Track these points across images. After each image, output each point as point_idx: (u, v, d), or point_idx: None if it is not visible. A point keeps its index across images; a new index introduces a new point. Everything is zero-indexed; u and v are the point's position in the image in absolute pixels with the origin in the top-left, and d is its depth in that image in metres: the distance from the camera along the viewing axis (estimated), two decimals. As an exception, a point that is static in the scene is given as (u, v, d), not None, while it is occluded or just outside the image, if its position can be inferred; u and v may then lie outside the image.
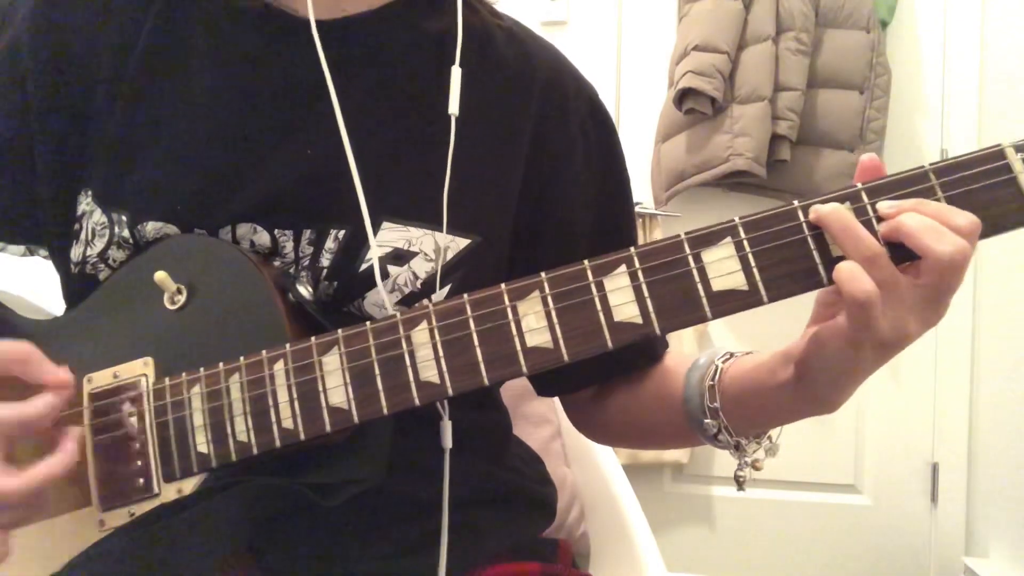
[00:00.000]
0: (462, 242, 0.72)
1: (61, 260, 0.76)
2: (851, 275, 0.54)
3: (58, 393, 0.61)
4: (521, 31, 0.83)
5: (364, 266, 0.69)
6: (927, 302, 0.55)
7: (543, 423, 1.27)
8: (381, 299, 0.69)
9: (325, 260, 0.69)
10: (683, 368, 0.76)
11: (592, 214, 0.81)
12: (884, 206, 0.55)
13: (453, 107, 0.74)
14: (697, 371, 0.74)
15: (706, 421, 0.72)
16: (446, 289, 0.71)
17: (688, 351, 2.34)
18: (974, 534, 2.35)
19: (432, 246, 0.71)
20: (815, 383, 0.63)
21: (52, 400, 0.60)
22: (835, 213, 0.54)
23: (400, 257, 0.70)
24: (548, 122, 0.79)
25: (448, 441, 0.70)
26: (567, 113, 0.80)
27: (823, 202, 0.55)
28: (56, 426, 0.61)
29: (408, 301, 0.70)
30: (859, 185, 0.56)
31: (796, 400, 0.66)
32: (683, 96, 2.22)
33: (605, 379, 0.84)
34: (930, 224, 0.53)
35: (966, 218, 0.53)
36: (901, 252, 0.54)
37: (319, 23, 0.72)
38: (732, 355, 0.73)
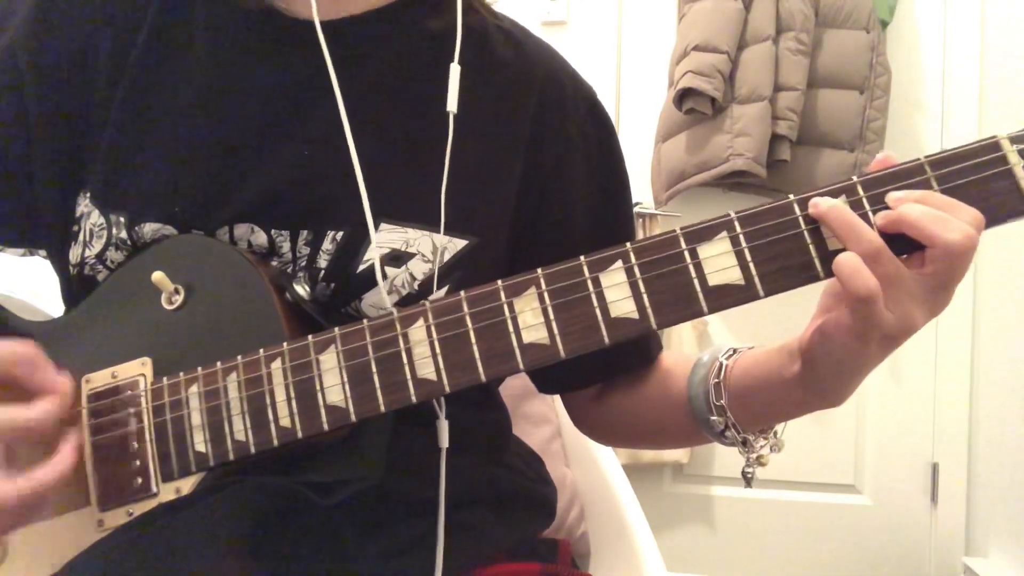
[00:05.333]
0: (459, 243, 0.72)
1: (60, 262, 0.76)
2: (853, 270, 0.53)
3: (58, 399, 0.61)
4: (519, 32, 0.83)
5: (362, 267, 0.69)
6: (932, 291, 0.55)
7: (543, 423, 1.28)
8: (378, 300, 0.69)
9: (322, 261, 0.69)
10: (686, 367, 0.77)
11: (592, 214, 0.81)
12: (891, 197, 0.55)
13: (451, 104, 0.73)
14: (701, 368, 0.74)
15: (712, 418, 0.72)
16: (444, 290, 0.71)
17: (688, 351, 2.34)
18: (974, 534, 2.35)
19: (430, 247, 0.71)
20: (821, 377, 0.63)
21: (51, 407, 0.60)
22: (834, 209, 0.54)
23: (398, 258, 0.70)
24: (546, 123, 0.78)
25: (444, 440, 0.70)
26: (565, 114, 0.80)
27: (819, 195, 0.55)
28: (56, 427, 0.62)
29: (406, 302, 0.70)
30: (855, 178, 0.56)
31: (803, 394, 0.66)
32: (683, 96, 2.22)
33: (604, 379, 0.85)
34: (937, 213, 0.53)
35: (970, 211, 0.53)
36: (900, 244, 0.54)
37: (321, 24, 0.72)
38: (735, 351, 0.73)
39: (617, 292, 0.57)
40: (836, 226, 0.54)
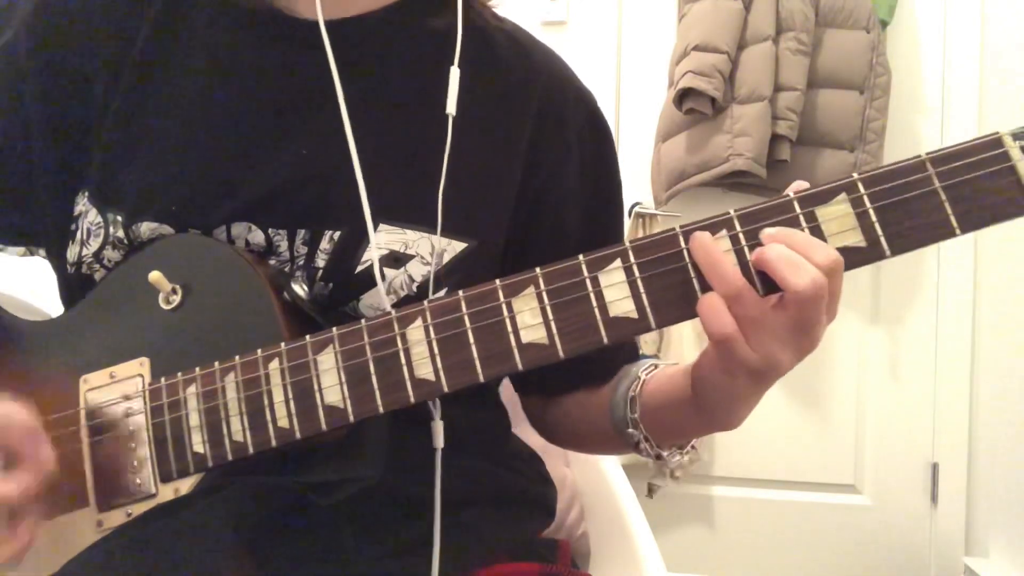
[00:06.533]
0: (459, 245, 0.72)
1: (58, 261, 0.76)
2: (711, 312, 0.55)
3: (35, 475, 0.60)
4: (522, 35, 0.83)
5: (360, 268, 0.69)
6: (794, 333, 0.56)
7: (542, 423, 1.27)
8: (376, 301, 0.69)
9: (320, 261, 0.69)
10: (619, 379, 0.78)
11: (584, 222, 0.81)
12: (765, 233, 0.55)
13: (451, 107, 0.73)
14: (625, 380, 0.76)
15: (628, 431, 0.74)
16: (442, 292, 0.71)
17: (687, 351, 2.34)
18: (974, 534, 2.35)
19: (429, 249, 0.71)
20: (705, 403, 0.65)
21: (28, 484, 0.59)
22: (702, 248, 0.55)
23: (397, 260, 0.70)
24: (546, 128, 0.78)
25: (439, 441, 0.70)
26: (565, 120, 0.80)
27: (699, 229, 0.56)
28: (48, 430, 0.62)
29: (404, 304, 0.70)
30: (731, 212, 0.56)
31: (696, 416, 0.68)
32: (683, 96, 2.22)
33: (592, 384, 0.84)
34: (788, 256, 0.54)
35: (826, 253, 0.54)
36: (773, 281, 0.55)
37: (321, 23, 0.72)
38: (656, 366, 0.75)
39: (616, 291, 0.57)
40: (701, 264, 0.56)
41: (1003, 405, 2.28)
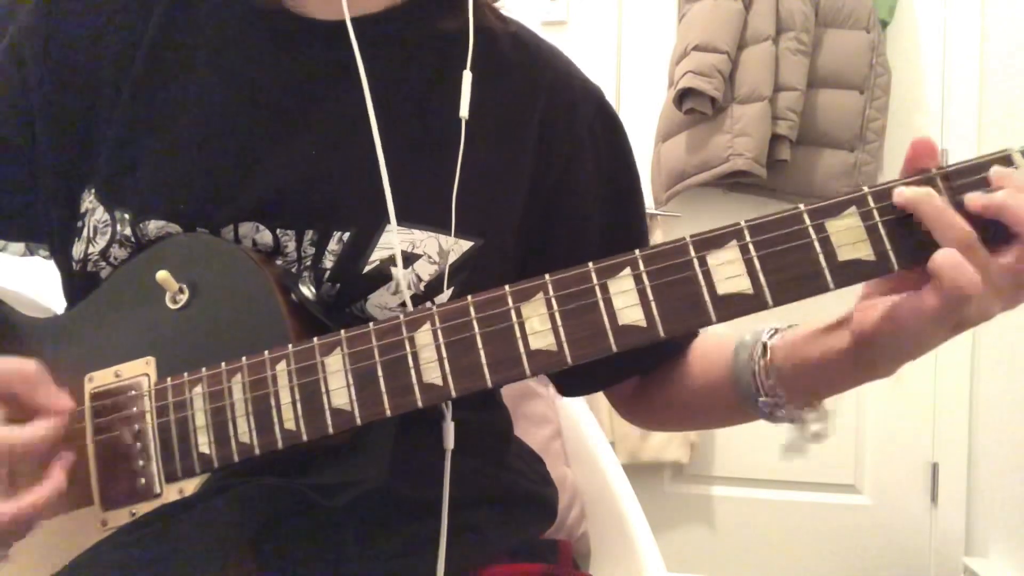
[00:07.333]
0: (465, 245, 0.72)
1: (63, 258, 0.76)
2: (955, 265, 0.52)
3: (57, 419, 0.62)
4: (527, 35, 0.83)
5: (368, 268, 0.69)
6: (1017, 286, 0.55)
7: (543, 423, 1.27)
8: (384, 301, 0.69)
9: (328, 262, 0.69)
10: (724, 350, 0.76)
11: (604, 212, 0.81)
12: (994, 174, 0.53)
13: (464, 111, 0.73)
14: (744, 350, 0.73)
15: (762, 399, 0.71)
16: (449, 292, 0.71)
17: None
18: (974, 534, 2.35)
19: (436, 248, 0.71)
20: (879, 355, 0.63)
21: (47, 427, 0.61)
22: (926, 198, 0.53)
23: (405, 259, 0.70)
24: (555, 125, 0.78)
25: (450, 442, 0.70)
26: (574, 115, 0.80)
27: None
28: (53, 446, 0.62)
29: (412, 303, 0.70)
30: (934, 170, 0.55)
31: (854, 369, 0.66)
32: (683, 96, 2.22)
33: (626, 378, 0.84)
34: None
35: None
36: (985, 234, 0.53)
37: (331, 23, 0.72)
38: (777, 330, 0.72)
39: (625, 299, 0.57)
40: (928, 216, 0.53)
41: (1003, 405, 2.29)
